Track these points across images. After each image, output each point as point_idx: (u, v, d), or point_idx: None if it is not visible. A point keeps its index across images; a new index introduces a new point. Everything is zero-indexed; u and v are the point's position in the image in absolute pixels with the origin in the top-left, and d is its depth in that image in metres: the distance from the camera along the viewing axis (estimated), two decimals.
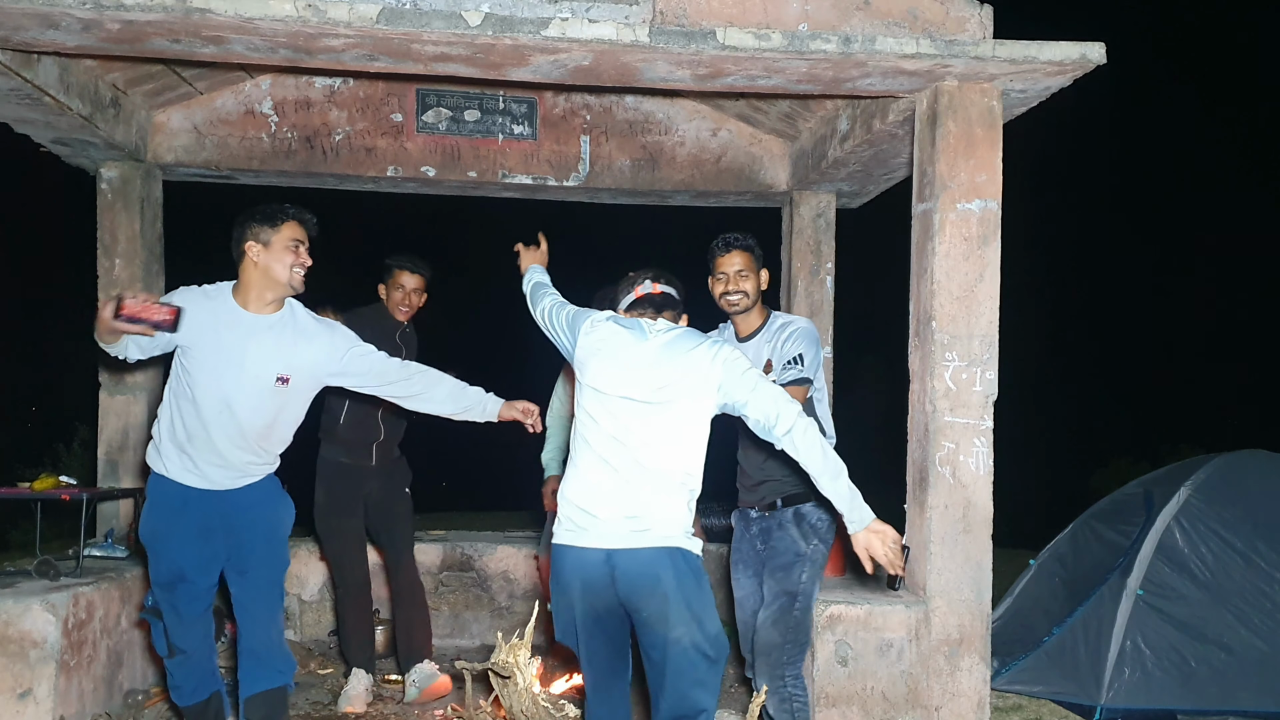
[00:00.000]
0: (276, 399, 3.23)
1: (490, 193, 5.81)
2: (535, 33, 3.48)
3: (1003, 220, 3.95)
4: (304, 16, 3.36)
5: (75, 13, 3.30)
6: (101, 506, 5.11)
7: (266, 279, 3.18)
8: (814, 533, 3.44)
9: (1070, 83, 3.88)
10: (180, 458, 3.21)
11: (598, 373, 2.87)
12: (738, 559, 3.62)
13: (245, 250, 3.18)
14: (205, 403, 3.16)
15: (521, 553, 5.74)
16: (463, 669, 3.80)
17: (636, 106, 5.58)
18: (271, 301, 3.22)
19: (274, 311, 3.23)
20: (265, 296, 3.21)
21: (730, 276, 3.47)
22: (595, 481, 2.81)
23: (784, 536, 3.45)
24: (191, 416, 3.18)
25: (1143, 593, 4.62)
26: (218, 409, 3.16)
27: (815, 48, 3.63)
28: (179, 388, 3.21)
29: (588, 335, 2.94)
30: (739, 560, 3.62)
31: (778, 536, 3.46)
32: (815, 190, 5.67)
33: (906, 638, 3.83)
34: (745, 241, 3.49)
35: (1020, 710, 4.54)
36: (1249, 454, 5.35)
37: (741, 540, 3.62)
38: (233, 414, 3.17)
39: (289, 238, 3.19)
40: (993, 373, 3.93)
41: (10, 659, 3.64)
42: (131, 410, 5.21)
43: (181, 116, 5.22)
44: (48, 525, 4.61)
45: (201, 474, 3.22)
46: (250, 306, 3.20)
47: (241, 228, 3.20)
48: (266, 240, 3.17)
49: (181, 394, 3.20)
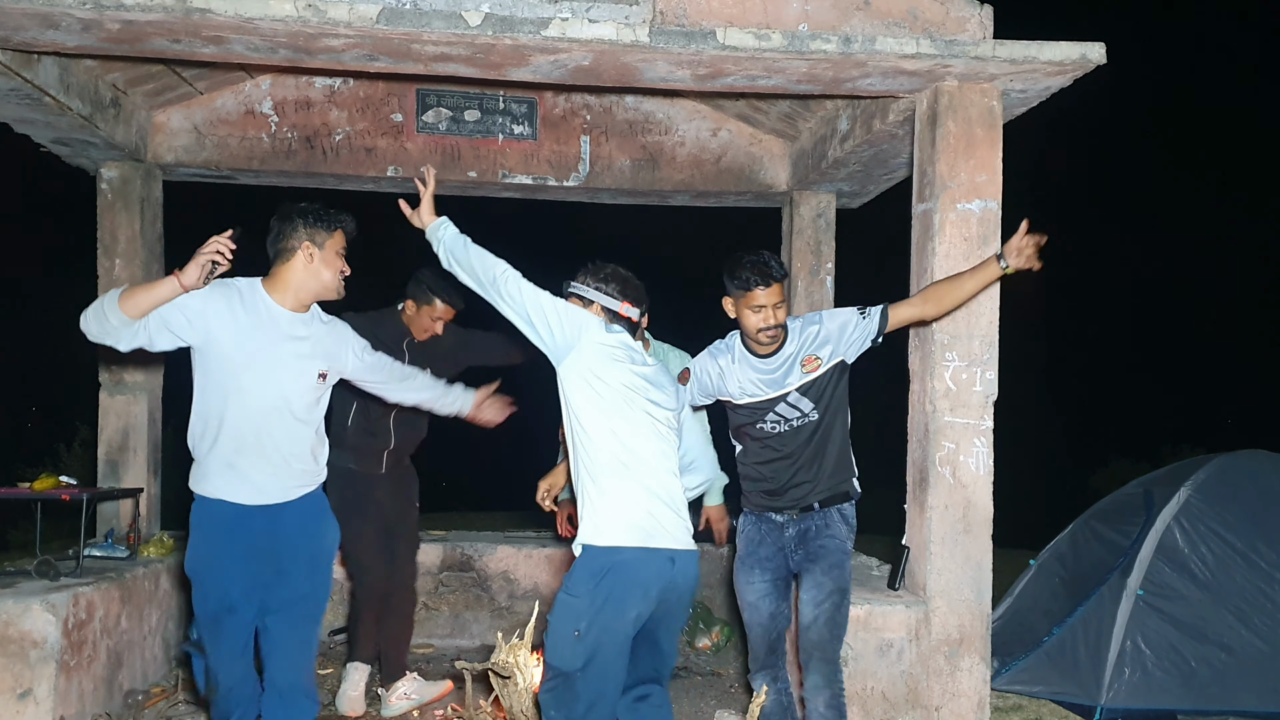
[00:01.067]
0: (318, 395, 3.17)
1: (490, 193, 5.81)
2: (535, 33, 3.48)
3: (1003, 220, 3.95)
4: (304, 16, 3.36)
5: (75, 13, 3.29)
6: (101, 506, 5.11)
7: (316, 281, 3.08)
8: (853, 531, 3.47)
9: (1070, 83, 3.88)
10: (228, 473, 3.02)
11: (629, 378, 2.84)
12: (754, 563, 3.48)
13: (299, 249, 3.05)
14: (257, 405, 3.01)
15: (521, 553, 5.74)
16: (463, 669, 3.80)
17: (636, 106, 5.58)
18: (308, 302, 3.14)
19: (307, 310, 3.16)
20: (304, 298, 3.11)
21: (769, 310, 3.25)
22: (655, 481, 2.83)
23: (834, 535, 3.40)
24: (241, 422, 3.01)
25: (1143, 593, 4.62)
26: (271, 409, 3.03)
27: (815, 48, 3.63)
28: (217, 396, 3.01)
29: (606, 334, 2.86)
30: (756, 564, 3.47)
31: (827, 535, 3.39)
32: (815, 190, 5.67)
33: (906, 638, 3.83)
34: (784, 270, 3.33)
35: (1020, 710, 4.54)
36: (1249, 454, 5.35)
37: (761, 544, 3.48)
38: (290, 412, 3.07)
39: (340, 245, 3.12)
40: (993, 373, 3.93)
41: (10, 659, 3.64)
42: (131, 410, 5.21)
43: (181, 116, 5.22)
44: (48, 525, 4.60)
45: (255, 485, 3.04)
46: (287, 304, 3.08)
47: (294, 224, 3.06)
48: (321, 244, 3.07)
49: (225, 401, 3.00)
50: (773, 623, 3.46)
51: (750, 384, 3.38)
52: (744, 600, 3.51)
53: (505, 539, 5.98)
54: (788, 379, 3.34)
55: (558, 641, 2.73)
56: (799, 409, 3.36)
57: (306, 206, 3.10)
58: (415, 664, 5.14)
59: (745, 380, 3.38)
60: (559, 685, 2.73)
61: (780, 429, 3.38)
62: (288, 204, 3.12)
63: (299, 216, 3.07)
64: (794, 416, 3.36)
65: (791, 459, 3.38)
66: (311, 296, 3.13)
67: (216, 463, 3.02)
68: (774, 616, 3.46)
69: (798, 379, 3.34)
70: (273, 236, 3.09)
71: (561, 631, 2.73)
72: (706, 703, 4.69)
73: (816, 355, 3.34)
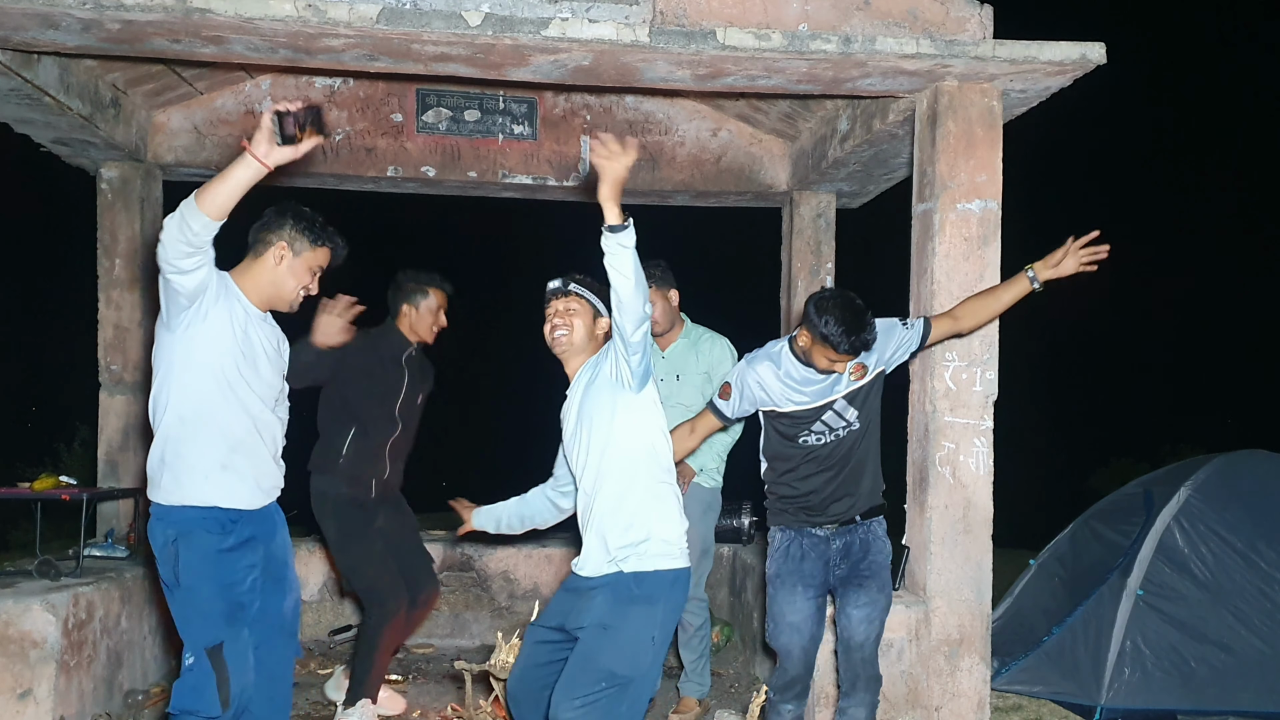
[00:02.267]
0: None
1: (490, 193, 5.81)
2: (535, 33, 3.48)
3: (1003, 220, 3.95)
4: (304, 16, 3.36)
5: (75, 13, 3.30)
6: (101, 506, 5.11)
7: (274, 287, 2.91)
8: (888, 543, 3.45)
9: (1070, 83, 3.88)
10: (224, 475, 2.81)
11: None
12: (797, 580, 3.31)
13: (274, 246, 2.89)
14: (255, 401, 2.86)
15: (521, 553, 5.74)
16: (463, 669, 3.80)
17: (636, 106, 5.58)
18: (263, 305, 2.95)
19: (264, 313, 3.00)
20: (259, 299, 2.92)
21: (840, 365, 3.22)
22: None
23: (881, 550, 3.36)
24: (240, 420, 2.83)
25: (1143, 593, 4.62)
26: (269, 404, 2.92)
27: (815, 48, 3.63)
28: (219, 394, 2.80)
29: None
30: (799, 581, 3.31)
31: (875, 550, 3.34)
32: (815, 190, 5.67)
33: (906, 638, 3.83)
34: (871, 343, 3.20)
35: (1020, 710, 4.54)
36: (1249, 454, 5.35)
37: (804, 560, 3.33)
38: (282, 407, 2.99)
39: (319, 263, 2.96)
40: (993, 373, 3.94)
41: (10, 659, 3.64)
42: (131, 410, 5.21)
43: (181, 116, 5.22)
44: (48, 525, 4.60)
45: (255, 485, 2.88)
46: (250, 299, 2.90)
47: (282, 221, 2.92)
48: (299, 251, 2.91)
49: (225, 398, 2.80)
50: (812, 645, 3.35)
51: (797, 392, 3.27)
52: (785, 622, 3.32)
53: (505, 539, 5.97)
54: (835, 386, 3.25)
55: (629, 647, 2.67)
56: (844, 418, 3.27)
57: (307, 212, 2.97)
58: (415, 664, 5.14)
59: (793, 387, 3.28)
60: (610, 694, 2.63)
61: (825, 439, 3.28)
62: (291, 201, 3.00)
63: (291, 216, 2.93)
64: (839, 426, 3.27)
65: (834, 472, 3.29)
66: (265, 301, 2.94)
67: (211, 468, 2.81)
68: (814, 639, 3.34)
69: (845, 386, 3.26)
70: (258, 225, 2.94)
71: (638, 638, 2.68)
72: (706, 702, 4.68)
73: (864, 363, 3.27)
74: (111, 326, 5.22)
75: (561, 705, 2.63)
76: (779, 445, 3.35)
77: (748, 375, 3.33)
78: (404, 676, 4.86)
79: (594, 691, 2.62)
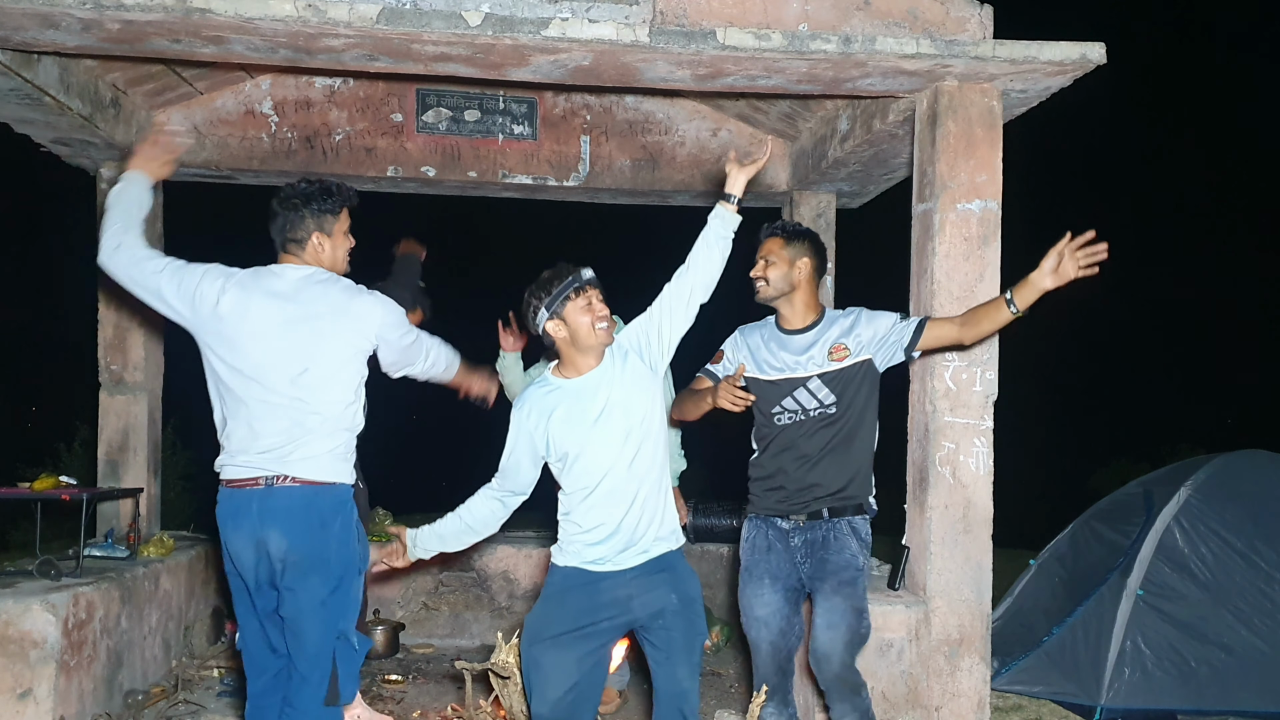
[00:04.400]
0: None
1: (490, 193, 5.81)
2: (535, 33, 3.48)
3: (1003, 220, 3.95)
4: (304, 17, 3.36)
5: (75, 13, 3.30)
6: (101, 506, 5.11)
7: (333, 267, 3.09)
8: (866, 546, 3.34)
9: (1070, 83, 3.88)
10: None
11: None
12: (763, 572, 3.30)
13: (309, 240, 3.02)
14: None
15: (521, 553, 5.74)
16: (463, 669, 3.80)
17: (636, 106, 5.58)
18: None
19: None
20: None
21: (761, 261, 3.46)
22: None
23: (843, 550, 3.26)
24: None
25: (1143, 593, 4.62)
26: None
27: (815, 48, 3.63)
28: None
29: None
30: (766, 574, 3.29)
31: (835, 549, 3.26)
32: (815, 190, 5.67)
33: (906, 638, 3.82)
34: (788, 229, 3.50)
35: (1020, 710, 4.54)
36: (1249, 454, 5.35)
37: (770, 552, 3.31)
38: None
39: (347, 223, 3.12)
40: (993, 373, 3.93)
41: (10, 659, 3.64)
42: (131, 410, 5.21)
43: (181, 116, 5.22)
44: (48, 525, 4.61)
45: None
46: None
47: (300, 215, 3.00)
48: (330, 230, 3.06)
49: None
50: (783, 640, 3.28)
51: (778, 360, 3.33)
52: (751, 615, 3.31)
53: (505, 539, 5.95)
54: (813, 362, 3.29)
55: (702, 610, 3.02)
56: (817, 398, 3.27)
57: (308, 190, 3.00)
58: (415, 664, 5.15)
59: (773, 356, 3.35)
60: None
61: (797, 418, 3.28)
62: (288, 188, 3.02)
63: (304, 206, 2.99)
64: (812, 407, 3.27)
65: (804, 457, 3.28)
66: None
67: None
68: (784, 634, 3.28)
69: (823, 364, 3.28)
70: (278, 225, 3.01)
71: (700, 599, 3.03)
72: (706, 703, 4.68)
73: (846, 345, 3.28)
74: (111, 326, 5.21)
75: (686, 681, 2.89)
76: (759, 423, 3.41)
77: (739, 339, 3.47)
78: (404, 676, 4.86)
79: (699, 657, 2.96)
